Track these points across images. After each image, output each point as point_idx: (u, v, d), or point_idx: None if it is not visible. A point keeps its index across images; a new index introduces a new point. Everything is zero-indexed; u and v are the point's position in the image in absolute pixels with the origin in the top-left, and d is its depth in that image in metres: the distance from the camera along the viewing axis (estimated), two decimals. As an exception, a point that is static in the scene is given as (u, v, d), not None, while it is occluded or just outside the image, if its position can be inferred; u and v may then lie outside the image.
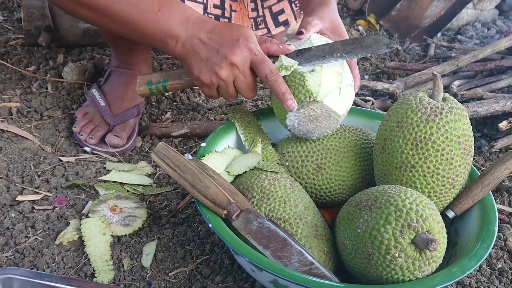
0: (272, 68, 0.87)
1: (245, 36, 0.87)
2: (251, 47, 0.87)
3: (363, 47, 0.89)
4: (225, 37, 0.87)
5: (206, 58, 0.87)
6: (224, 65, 0.86)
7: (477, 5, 2.11)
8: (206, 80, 0.89)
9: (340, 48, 0.89)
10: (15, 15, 1.75)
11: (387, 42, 0.89)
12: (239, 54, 0.86)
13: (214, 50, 0.87)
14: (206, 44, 0.87)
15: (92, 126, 1.19)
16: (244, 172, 0.90)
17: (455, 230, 0.89)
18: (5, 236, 0.92)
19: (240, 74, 0.88)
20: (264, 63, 0.87)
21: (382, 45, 0.89)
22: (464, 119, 0.84)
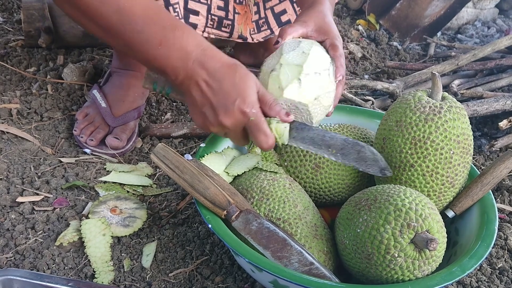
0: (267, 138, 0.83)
1: (243, 97, 0.81)
2: (246, 112, 0.81)
3: (359, 157, 0.84)
4: (223, 91, 0.81)
5: (201, 106, 0.83)
6: (215, 124, 0.83)
7: (477, 4, 2.11)
8: (199, 124, 0.86)
9: (338, 146, 0.85)
10: (15, 17, 1.75)
11: (383, 167, 0.84)
12: (232, 118, 0.81)
13: (209, 103, 0.82)
14: (203, 92, 0.82)
15: (92, 128, 1.19)
16: (243, 173, 0.90)
17: (455, 230, 0.89)
18: (5, 237, 0.92)
19: (230, 132, 0.85)
20: (259, 132, 0.83)
21: (376, 166, 0.84)
22: (463, 118, 0.84)
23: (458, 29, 2.11)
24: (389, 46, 1.89)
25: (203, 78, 0.81)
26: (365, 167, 0.84)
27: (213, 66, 0.81)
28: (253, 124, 0.82)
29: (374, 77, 1.67)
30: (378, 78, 1.65)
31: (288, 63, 0.87)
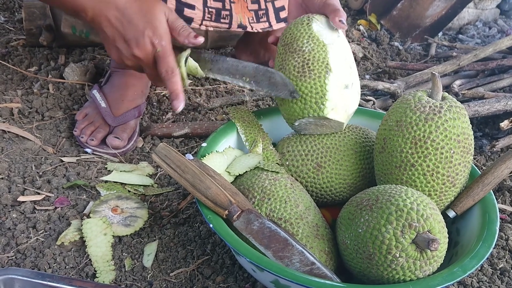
0: (169, 66, 0.87)
1: (153, 27, 0.85)
2: (154, 42, 0.85)
3: (270, 83, 0.90)
4: (132, 23, 0.85)
5: (113, 41, 0.86)
6: (129, 56, 0.86)
7: (478, 4, 2.10)
8: (116, 60, 0.89)
9: (251, 74, 0.91)
10: (16, 16, 1.75)
11: (292, 90, 0.89)
12: (142, 49, 0.85)
13: (121, 36, 0.85)
14: (113, 27, 0.85)
15: (92, 128, 1.19)
16: (244, 172, 0.90)
17: (456, 230, 0.89)
18: (7, 237, 0.92)
19: (145, 66, 0.88)
20: (163, 61, 0.86)
21: (286, 89, 0.89)
22: (463, 118, 0.84)
23: (459, 29, 2.10)
24: (390, 46, 1.89)
25: (112, 13, 0.84)
26: (276, 91, 0.90)
27: (120, 1, 0.85)
28: (159, 56, 0.85)
29: (375, 77, 1.67)
30: (379, 78, 1.65)
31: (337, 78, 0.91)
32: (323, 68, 0.89)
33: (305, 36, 0.90)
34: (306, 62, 0.89)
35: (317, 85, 0.88)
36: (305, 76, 0.89)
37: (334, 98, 0.89)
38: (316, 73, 0.89)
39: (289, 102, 0.91)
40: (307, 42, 0.90)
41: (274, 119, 1.04)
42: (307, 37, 0.90)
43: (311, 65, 0.89)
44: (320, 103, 0.88)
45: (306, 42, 0.90)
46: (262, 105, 1.41)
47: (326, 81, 0.88)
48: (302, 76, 0.89)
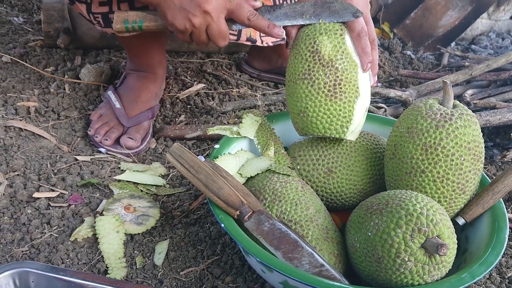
0: (251, 10, 0.89)
1: None
2: None
3: (331, 11, 0.90)
4: None
5: (180, 4, 0.88)
6: (198, 13, 0.88)
7: (491, 15, 2.11)
8: (180, 26, 0.90)
9: (310, 10, 0.91)
10: (35, 17, 1.79)
11: (354, 10, 0.89)
12: (213, 1, 0.87)
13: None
14: None
15: (106, 128, 1.21)
16: (256, 175, 0.92)
17: (465, 237, 0.90)
18: (22, 232, 0.94)
19: (213, 22, 0.90)
20: (242, 7, 0.89)
21: (348, 12, 0.90)
22: (474, 125, 0.85)
23: (472, 39, 2.11)
24: (402, 55, 1.90)
25: None
26: (339, 17, 0.90)
27: None
28: (235, 5, 0.88)
29: (387, 85, 1.67)
30: (391, 86, 1.65)
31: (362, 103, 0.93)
32: (354, 92, 0.89)
33: (339, 50, 0.89)
34: (339, 82, 0.88)
35: (346, 109, 0.89)
36: (336, 98, 0.88)
37: (357, 121, 0.91)
38: (347, 96, 0.89)
39: (311, 118, 0.90)
40: (340, 59, 0.89)
41: (286, 123, 1.05)
42: (341, 52, 0.89)
43: (343, 86, 0.88)
44: (345, 126, 0.90)
45: (340, 59, 0.89)
46: (274, 110, 1.42)
47: (355, 105, 0.89)
48: (333, 97, 0.88)
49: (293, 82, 0.91)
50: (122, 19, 0.95)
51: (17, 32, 1.67)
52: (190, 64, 1.60)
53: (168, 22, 0.92)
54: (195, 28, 0.90)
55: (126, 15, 0.96)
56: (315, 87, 0.89)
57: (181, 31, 0.92)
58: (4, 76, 1.38)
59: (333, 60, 0.88)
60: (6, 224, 0.95)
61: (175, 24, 0.91)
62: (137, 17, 0.96)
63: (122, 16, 0.96)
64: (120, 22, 0.95)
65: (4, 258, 0.88)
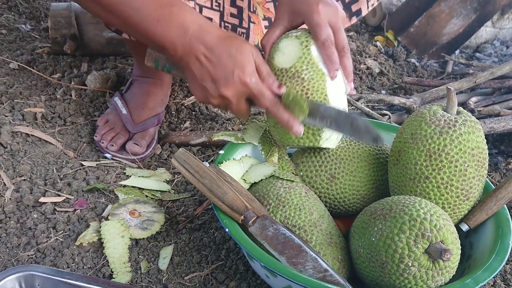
0: (271, 98, 0.85)
1: (242, 64, 0.83)
2: (246, 82, 0.83)
3: (352, 128, 0.87)
4: (222, 62, 0.83)
5: (201, 80, 0.85)
6: (216, 96, 0.85)
7: (496, 23, 2.11)
8: (200, 99, 0.89)
9: (333, 117, 0.87)
10: (42, 25, 1.81)
11: (375, 136, 0.87)
12: (232, 88, 0.84)
13: (209, 76, 0.84)
14: (202, 66, 0.84)
15: (113, 133, 1.22)
16: (260, 180, 0.92)
17: (469, 244, 0.90)
18: (28, 236, 0.95)
19: (232, 105, 0.87)
20: (263, 96, 0.85)
21: (369, 136, 0.87)
22: (478, 132, 0.85)
23: (476, 47, 2.11)
24: (406, 63, 1.91)
25: (201, 52, 0.84)
26: (358, 137, 0.88)
27: (210, 40, 0.84)
28: (256, 92, 0.85)
29: (391, 92, 1.68)
30: (395, 94, 1.66)
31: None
32: (321, 100, 0.88)
33: (305, 61, 0.88)
34: (305, 92, 0.87)
35: None
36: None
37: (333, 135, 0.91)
38: None
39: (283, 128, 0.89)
40: (306, 69, 0.87)
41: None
42: (307, 63, 0.88)
43: (310, 95, 0.87)
44: (317, 134, 0.90)
45: (305, 69, 0.87)
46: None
47: None
48: None
49: None
50: (154, 58, 0.95)
51: (25, 39, 1.69)
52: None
53: (190, 87, 0.91)
54: (214, 105, 0.89)
55: (158, 55, 0.95)
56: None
57: (201, 101, 0.91)
58: (11, 83, 1.39)
59: (299, 72, 0.87)
60: (13, 228, 0.96)
61: (195, 95, 0.90)
62: (167, 62, 0.95)
63: (154, 55, 0.95)
64: (151, 61, 0.95)
65: (10, 262, 0.89)
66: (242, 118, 0.92)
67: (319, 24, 0.88)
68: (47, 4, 1.94)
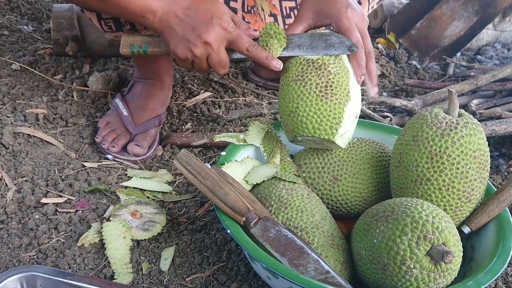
0: (250, 40, 0.92)
1: (219, 14, 0.91)
2: (225, 26, 0.91)
3: (327, 44, 0.92)
4: (200, 14, 0.91)
5: (182, 35, 0.92)
6: (199, 44, 0.91)
7: (497, 26, 2.11)
8: (182, 55, 0.94)
9: (307, 42, 0.93)
10: (44, 26, 1.81)
11: (350, 44, 0.91)
12: (213, 33, 0.91)
13: (190, 27, 0.91)
14: (182, 21, 0.91)
15: (114, 135, 1.22)
16: (262, 182, 0.92)
17: (471, 246, 0.90)
18: (29, 237, 0.95)
19: (213, 52, 0.93)
20: (241, 38, 0.92)
21: (344, 46, 0.91)
22: (479, 134, 0.85)
23: (477, 50, 2.11)
24: (408, 65, 1.91)
25: (180, 9, 0.92)
26: (334, 51, 0.91)
27: (185, 0, 0.93)
28: (234, 36, 0.92)
29: (392, 94, 1.68)
30: (396, 96, 1.66)
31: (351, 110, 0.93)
32: (344, 96, 0.90)
33: (332, 56, 0.92)
34: (330, 84, 0.90)
35: (336, 111, 0.89)
36: (327, 99, 0.89)
37: (346, 126, 0.91)
38: (338, 98, 0.90)
39: (302, 117, 0.90)
40: (333, 63, 0.91)
41: (292, 131, 1.06)
42: (334, 58, 0.92)
43: (334, 88, 0.89)
44: (334, 128, 0.90)
45: (332, 63, 0.91)
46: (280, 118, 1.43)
47: (345, 108, 0.90)
48: (324, 97, 0.89)
49: (286, 85, 0.93)
50: (128, 43, 1.00)
51: (27, 40, 1.69)
52: (197, 72, 1.61)
53: (171, 50, 0.96)
54: (196, 57, 0.94)
55: (132, 39, 1.00)
56: (307, 88, 0.90)
57: (183, 60, 0.96)
58: (13, 83, 1.40)
59: (326, 64, 0.91)
60: (14, 229, 0.96)
61: (177, 53, 0.95)
62: (142, 42, 1.00)
63: (128, 40, 1.00)
64: (126, 47, 1.01)
65: (12, 263, 0.89)
66: (222, 70, 0.97)
67: (349, 28, 0.92)
68: (49, 6, 1.94)
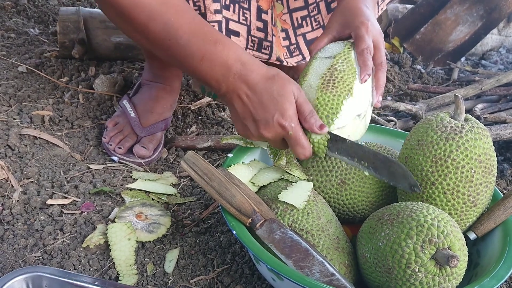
0: (303, 147, 0.87)
1: (282, 111, 0.84)
2: (285, 126, 0.85)
3: (389, 173, 0.86)
4: (263, 104, 0.85)
5: (242, 118, 0.88)
6: (256, 135, 0.88)
7: (502, 31, 2.12)
8: (240, 133, 0.91)
9: (370, 159, 0.87)
10: (50, 29, 1.82)
11: (412, 183, 0.84)
12: (272, 132, 0.86)
13: (250, 116, 0.86)
14: (244, 105, 0.86)
15: (121, 136, 1.23)
16: (268, 184, 0.92)
17: (476, 252, 0.90)
18: (35, 238, 0.95)
19: (271, 142, 0.90)
20: (296, 143, 0.86)
21: (406, 182, 0.85)
22: (485, 139, 0.85)
23: (482, 55, 2.12)
24: (412, 69, 1.91)
25: (244, 91, 0.86)
26: (395, 181, 0.86)
27: (253, 79, 0.85)
28: (291, 138, 0.86)
29: (396, 99, 1.68)
30: (401, 100, 1.66)
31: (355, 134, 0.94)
32: (346, 91, 0.90)
33: (342, 57, 0.94)
34: (333, 79, 0.91)
35: (334, 102, 0.90)
36: (327, 90, 0.90)
37: (344, 119, 0.91)
38: (338, 91, 0.90)
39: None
40: (341, 63, 0.93)
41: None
42: (343, 59, 0.94)
43: (337, 83, 0.91)
44: (330, 118, 0.90)
45: (341, 62, 0.93)
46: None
47: (344, 101, 0.90)
48: (325, 89, 0.90)
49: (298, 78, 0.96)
50: (200, 84, 0.98)
51: (33, 43, 1.70)
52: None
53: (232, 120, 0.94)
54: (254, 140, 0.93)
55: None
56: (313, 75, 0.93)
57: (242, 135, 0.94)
58: (19, 86, 1.41)
59: (335, 62, 0.93)
60: (20, 230, 0.96)
61: (236, 128, 0.92)
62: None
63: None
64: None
65: (17, 264, 0.89)
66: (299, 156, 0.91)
67: (364, 35, 0.93)
68: (55, 9, 1.95)
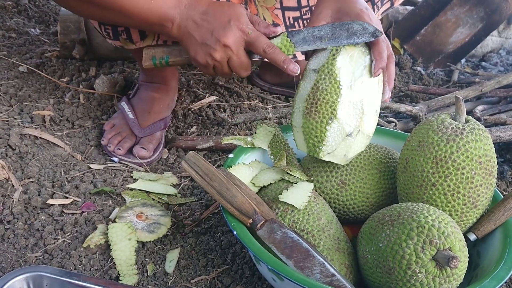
0: (267, 42, 0.91)
1: (236, 16, 0.91)
2: (243, 28, 0.90)
3: (349, 33, 0.89)
4: (217, 18, 0.91)
5: (201, 40, 0.92)
6: (218, 48, 0.91)
7: (502, 33, 2.12)
8: (202, 61, 0.94)
9: (328, 33, 0.90)
10: (51, 29, 1.82)
11: (373, 30, 0.88)
12: (232, 35, 0.90)
13: (208, 32, 0.91)
14: (200, 26, 0.91)
15: (119, 137, 1.23)
16: (269, 184, 0.92)
17: (477, 253, 0.90)
18: (35, 237, 0.95)
19: (233, 55, 0.93)
20: (259, 40, 0.91)
21: (367, 32, 0.88)
22: (486, 140, 0.86)
23: (482, 56, 2.12)
24: (412, 71, 1.91)
25: (198, 15, 0.92)
26: (357, 39, 0.88)
27: (204, 4, 0.93)
28: (252, 38, 0.90)
29: (397, 100, 1.68)
30: (401, 102, 1.66)
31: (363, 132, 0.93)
32: (328, 114, 0.89)
33: (325, 70, 0.90)
34: (315, 102, 0.89)
35: (317, 129, 0.90)
36: (310, 116, 0.90)
37: (332, 144, 0.90)
38: (320, 116, 0.89)
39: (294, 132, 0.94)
40: (323, 79, 0.89)
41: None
42: (326, 72, 0.89)
43: (319, 106, 0.89)
44: (317, 146, 0.91)
45: (323, 78, 0.89)
46: (285, 122, 1.43)
47: (328, 127, 0.89)
48: (308, 115, 0.90)
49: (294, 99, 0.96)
50: (150, 56, 1.00)
51: (34, 43, 1.70)
52: (202, 76, 1.62)
53: (191, 57, 0.96)
54: (217, 61, 0.94)
55: (153, 52, 1.00)
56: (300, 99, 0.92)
57: (204, 66, 0.95)
58: (20, 86, 1.41)
59: (318, 79, 0.90)
60: (20, 229, 0.96)
61: (197, 59, 0.95)
62: (163, 53, 1.00)
63: (150, 53, 1.00)
64: (148, 60, 1.00)
65: (18, 263, 0.90)
66: (244, 72, 0.96)
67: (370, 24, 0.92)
68: (56, 9, 1.96)
